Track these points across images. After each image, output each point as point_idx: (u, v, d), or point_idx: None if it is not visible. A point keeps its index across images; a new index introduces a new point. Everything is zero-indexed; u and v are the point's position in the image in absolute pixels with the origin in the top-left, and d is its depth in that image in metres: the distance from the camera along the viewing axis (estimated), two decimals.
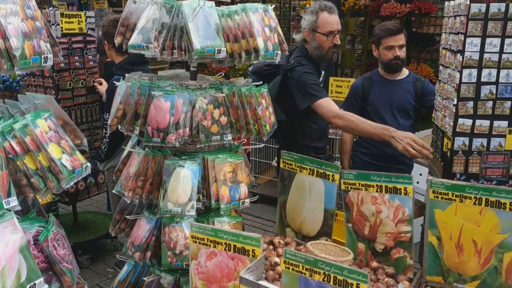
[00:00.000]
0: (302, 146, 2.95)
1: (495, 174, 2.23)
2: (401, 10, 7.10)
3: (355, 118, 2.75)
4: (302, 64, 2.92)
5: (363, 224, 2.26)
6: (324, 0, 3.07)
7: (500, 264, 1.94)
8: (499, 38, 2.12)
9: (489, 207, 1.91)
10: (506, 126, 2.18)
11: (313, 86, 2.83)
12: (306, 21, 2.96)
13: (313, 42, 2.95)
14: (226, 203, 2.33)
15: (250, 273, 1.54)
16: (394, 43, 2.98)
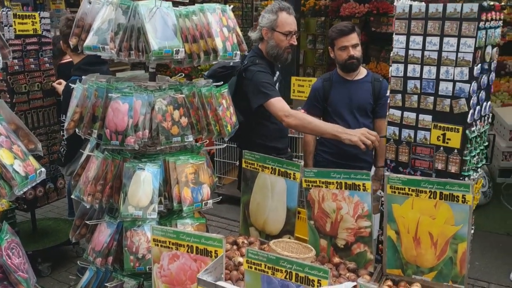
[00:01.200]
0: (261, 147, 2.95)
1: (423, 166, 2.32)
2: (360, 10, 7.25)
3: (306, 117, 2.81)
4: (255, 64, 2.94)
5: (325, 221, 2.29)
6: (282, 0, 3.10)
7: (455, 255, 2.01)
8: (421, 36, 2.22)
9: (443, 200, 1.98)
10: (430, 121, 2.26)
11: (265, 85, 2.86)
12: (266, 19, 2.97)
13: (271, 40, 2.97)
14: (189, 204, 2.31)
15: (208, 274, 1.53)
16: (347, 43, 3.03)
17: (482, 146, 2.31)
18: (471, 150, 2.21)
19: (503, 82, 6.39)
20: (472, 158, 2.22)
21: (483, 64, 2.17)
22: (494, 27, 2.17)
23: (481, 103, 2.25)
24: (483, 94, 2.24)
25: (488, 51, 2.17)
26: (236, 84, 2.98)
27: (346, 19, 7.00)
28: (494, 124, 5.66)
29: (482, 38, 2.09)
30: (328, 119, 3.23)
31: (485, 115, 2.31)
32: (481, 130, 2.28)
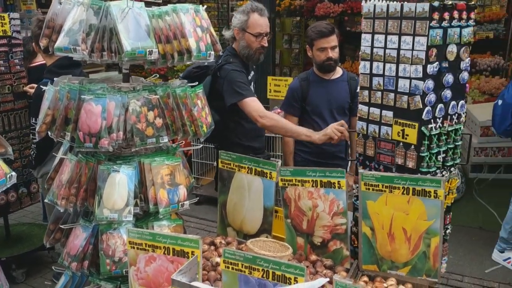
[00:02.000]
0: (238, 146, 2.96)
1: (386, 160, 2.38)
2: (334, 10, 7.32)
3: (280, 118, 2.88)
4: (229, 62, 2.95)
5: (301, 219, 2.31)
6: (255, 1, 3.10)
7: (428, 249, 2.05)
8: (383, 35, 2.31)
9: (416, 196, 2.02)
10: (392, 117, 2.34)
11: (239, 84, 2.87)
12: (237, 19, 2.98)
13: (242, 41, 2.98)
14: (165, 206, 2.30)
15: (183, 275, 1.53)
16: (327, 44, 3.06)
17: (452, 145, 2.34)
18: (431, 147, 2.26)
19: (474, 79, 6.55)
20: (433, 155, 2.27)
21: (442, 62, 2.22)
22: (457, 26, 2.20)
23: (446, 102, 2.28)
24: (447, 92, 2.27)
25: (451, 49, 2.21)
26: (211, 83, 2.98)
27: (321, 19, 7.05)
28: (466, 120, 5.80)
29: (437, 36, 2.15)
30: (307, 118, 3.26)
31: (453, 114, 2.34)
32: (448, 129, 2.31)
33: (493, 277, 3.68)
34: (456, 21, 2.20)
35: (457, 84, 2.32)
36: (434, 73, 2.20)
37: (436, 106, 2.25)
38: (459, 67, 2.30)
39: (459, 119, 2.39)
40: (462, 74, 2.32)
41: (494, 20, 7.51)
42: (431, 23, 2.12)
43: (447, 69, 2.24)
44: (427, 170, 2.24)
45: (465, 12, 2.21)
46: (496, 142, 5.18)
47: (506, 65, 6.85)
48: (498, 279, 3.64)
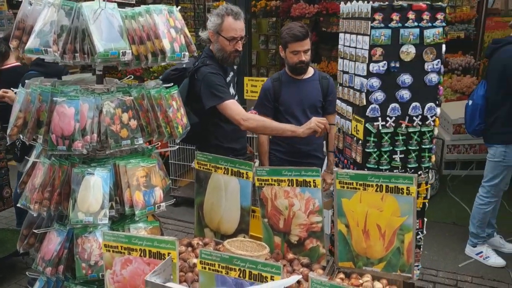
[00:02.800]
0: (218, 148, 2.95)
1: (348, 154, 2.49)
2: (310, 10, 7.38)
3: (262, 119, 2.95)
4: (206, 64, 2.94)
5: (278, 218, 2.33)
6: (231, 4, 3.10)
7: (402, 245, 2.09)
8: (349, 34, 2.44)
9: (389, 193, 2.06)
10: (351, 112, 2.42)
11: (217, 87, 2.87)
12: (212, 22, 2.97)
13: (216, 44, 2.98)
14: (141, 208, 2.29)
15: (157, 276, 1.52)
16: (300, 48, 3.09)
17: (415, 147, 2.35)
18: (383, 144, 2.33)
19: (446, 78, 6.69)
20: (385, 153, 2.33)
21: (392, 62, 2.27)
22: (413, 26, 2.23)
23: (403, 102, 2.31)
24: (404, 92, 2.30)
25: (406, 50, 2.25)
26: (189, 85, 2.98)
27: (297, 20, 7.10)
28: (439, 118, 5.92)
29: (381, 36, 2.23)
30: (280, 118, 3.28)
31: (416, 115, 2.35)
32: (409, 130, 2.33)
33: (466, 271, 3.77)
34: (412, 22, 2.23)
35: (422, 86, 2.32)
36: (381, 72, 2.28)
37: (387, 105, 2.31)
38: (422, 68, 2.31)
39: (424, 121, 2.36)
40: (428, 75, 2.32)
41: (465, 20, 7.69)
42: (373, 23, 2.21)
43: (399, 69, 2.29)
44: (374, 166, 2.33)
45: (427, 12, 2.22)
46: (468, 140, 5.32)
47: (477, 65, 7.02)
48: (471, 273, 3.74)
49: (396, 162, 2.36)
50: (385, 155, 2.35)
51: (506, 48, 3.51)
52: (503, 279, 3.63)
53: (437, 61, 2.31)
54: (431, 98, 2.36)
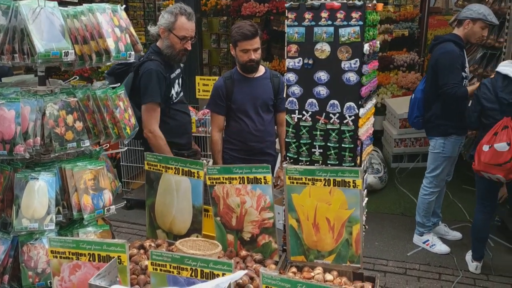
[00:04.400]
0: None
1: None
2: (260, 9, 7.43)
3: (160, 144, 2.98)
4: (151, 59, 2.96)
5: (230, 216, 2.34)
6: (184, 4, 3.12)
7: (350, 237, 2.16)
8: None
9: (337, 187, 2.12)
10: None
11: (150, 87, 2.91)
12: (164, 19, 3.00)
13: (166, 40, 3.01)
14: (90, 212, 2.23)
15: (102, 279, 1.50)
16: (250, 47, 3.12)
17: (334, 144, 2.39)
18: (302, 137, 2.45)
19: (392, 75, 6.94)
20: (304, 145, 2.45)
21: (306, 59, 2.36)
22: (327, 25, 2.29)
23: (320, 98, 2.38)
24: (320, 89, 2.37)
25: (321, 48, 2.33)
26: (133, 80, 2.97)
27: (248, 18, 7.14)
28: (386, 114, 6.14)
29: (294, 34, 2.35)
30: (232, 116, 3.30)
31: (334, 113, 2.38)
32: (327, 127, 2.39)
33: (414, 259, 3.94)
34: (325, 20, 2.30)
35: (340, 84, 2.35)
36: (296, 68, 2.40)
37: (305, 99, 2.42)
38: (339, 66, 2.34)
39: (342, 120, 2.38)
40: (346, 74, 2.34)
41: (409, 19, 8.02)
42: (288, 21, 2.34)
43: (315, 66, 2.36)
44: (294, 156, 2.47)
45: (342, 11, 2.26)
46: (414, 133, 5.54)
47: (421, 61, 7.33)
48: (419, 261, 3.90)
49: (315, 156, 2.45)
50: (304, 147, 2.45)
51: (441, 45, 3.70)
52: (448, 265, 3.82)
53: (354, 60, 2.30)
54: (351, 98, 2.35)
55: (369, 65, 2.36)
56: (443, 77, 3.58)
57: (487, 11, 3.65)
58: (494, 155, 3.20)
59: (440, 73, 3.61)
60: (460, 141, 3.78)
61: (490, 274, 3.67)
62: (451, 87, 3.54)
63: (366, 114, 2.43)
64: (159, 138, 2.97)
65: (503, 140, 3.17)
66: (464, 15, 3.69)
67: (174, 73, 3.13)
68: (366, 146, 2.49)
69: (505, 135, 3.17)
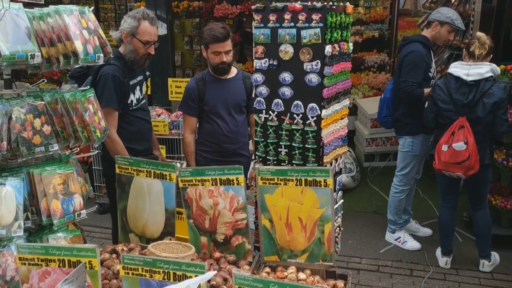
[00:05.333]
0: None
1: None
2: (232, 11, 7.43)
3: (119, 147, 2.91)
4: (109, 64, 2.94)
5: (203, 218, 2.34)
6: (151, 6, 3.12)
7: (322, 235, 2.19)
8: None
9: (308, 186, 2.15)
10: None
11: (106, 91, 2.88)
12: (127, 24, 2.96)
13: (129, 45, 2.99)
14: (59, 217, 2.19)
15: (69, 284, 1.48)
16: (221, 49, 3.12)
17: (298, 144, 2.42)
18: (269, 136, 2.51)
19: (363, 76, 7.05)
20: (271, 145, 2.52)
21: (270, 60, 2.43)
22: (290, 27, 2.34)
23: (285, 99, 2.43)
24: (285, 90, 2.42)
25: (284, 49, 2.38)
26: (92, 83, 2.93)
27: (220, 20, 7.13)
28: (358, 114, 6.24)
29: (260, 35, 2.43)
30: (205, 117, 3.29)
31: (298, 114, 2.42)
32: (292, 127, 2.43)
33: (387, 256, 4.01)
34: (288, 22, 2.34)
35: (303, 85, 2.38)
36: (263, 68, 2.47)
37: (271, 100, 2.47)
38: (302, 68, 2.38)
39: (305, 121, 2.41)
40: (308, 76, 2.37)
41: (379, 20, 8.16)
42: (254, 23, 2.42)
43: (279, 67, 2.42)
44: (262, 155, 2.54)
45: (303, 13, 2.30)
46: (385, 133, 5.65)
47: (391, 62, 7.47)
48: (391, 258, 3.98)
49: (281, 156, 2.49)
50: (271, 147, 2.51)
51: (409, 45, 3.79)
52: (419, 261, 3.91)
53: (316, 62, 2.33)
54: (313, 99, 2.38)
55: (335, 66, 2.39)
56: (404, 74, 3.69)
57: (455, 16, 3.76)
58: (453, 154, 3.31)
59: (403, 70, 3.71)
60: (428, 140, 3.87)
61: (460, 269, 3.78)
62: (410, 85, 3.64)
63: (332, 116, 2.46)
64: (116, 143, 2.91)
65: (461, 140, 3.29)
66: (433, 18, 3.79)
67: (135, 79, 3.10)
68: (335, 148, 2.53)
69: (462, 135, 3.29)
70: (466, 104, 3.31)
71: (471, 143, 3.27)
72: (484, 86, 3.27)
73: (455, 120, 3.35)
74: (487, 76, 3.26)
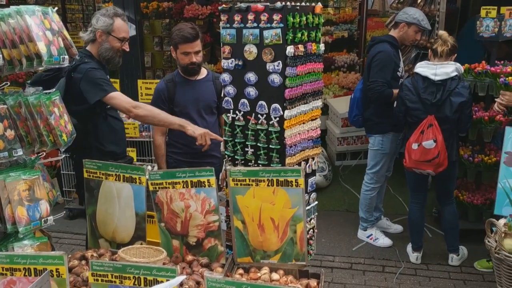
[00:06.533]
0: (97, 151, 2.90)
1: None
2: (203, 12, 7.39)
3: (154, 108, 2.92)
4: (85, 62, 2.90)
5: (175, 221, 2.31)
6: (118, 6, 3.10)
7: (295, 235, 2.20)
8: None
9: (280, 186, 2.15)
10: None
11: (101, 81, 2.84)
12: (102, 22, 2.94)
13: (106, 43, 2.96)
14: (25, 224, 2.12)
15: None
16: (190, 49, 3.10)
17: (263, 145, 2.44)
18: (236, 135, 2.54)
19: (333, 76, 7.13)
20: (238, 144, 2.55)
21: (236, 60, 2.45)
22: (253, 27, 2.35)
23: (250, 99, 2.45)
24: (250, 90, 2.44)
25: (249, 49, 2.39)
26: (66, 86, 2.87)
27: (190, 21, 7.07)
28: (329, 113, 6.30)
29: (227, 36, 2.45)
30: None
31: (262, 114, 2.43)
32: (257, 127, 2.45)
33: (359, 253, 4.06)
34: (251, 22, 2.36)
35: (266, 86, 2.39)
36: (230, 68, 2.49)
37: (238, 99, 2.50)
38: (265, 68, 2.38)
39: (269, 121, 2.42)
40: (270, 76, 2.37)
41: (348, 21, 8.27)
42: (221, 23, 2.44)
43: (244, 67, 2.44)
44: (230, 154, 2.57)
45: (265, 14, 2.30)
46: (356, 132, 5.72)
47: (360, 62, 7.58)
48: (363, 255, 4.03)
49: (248, 156, 2.51)
50: (238, 146, 2.53)
51: (377, 45, 3.86)
52: (391, 257, 3.98)
53: (277, 62, 2.33)
54: (276, 99, 2.39)
55: (300, 67, 2.40)
56: (374, 74, 3.76)
57: (422, 16, 3.84)
58: (423, 153, 3.39)
59: (372, 70, 3.77)
60: (397, 138, 3.94)
61: (430, 263, 3.86)
62: (380, 85, 3.71)
63: (298, 117, 2.47)
64: (146, 107, 2.87)
65: (430, 138, 3.37)
66: (400, 18, 3.87)
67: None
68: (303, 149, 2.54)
69: (431, 133, 3.38)
70: (434, 103, 3.38)
71: (440, 141, 3.35)
72: (451, 85, 3.35)
73: (424, 119, 3.42)
74: (453, 75, 3.35)
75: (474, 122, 3.75)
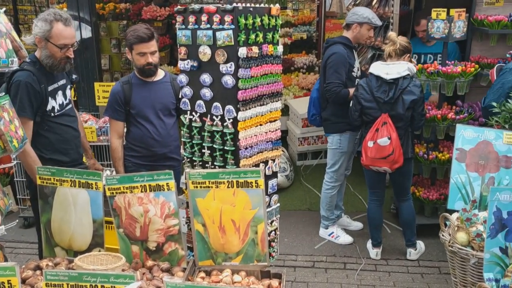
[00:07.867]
0: (40, 159, 2.72)
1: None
2: (161, 13, 7.29)
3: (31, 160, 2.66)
4: (23, 69, 2.73)
5: (134, 227, 2.27)
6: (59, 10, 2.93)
7: (256, 236, 2.21)
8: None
9: (240, 188, 2.15)
10: None
11: (19, 100, 2.69)
12: (39, 28, 2.74)
13: (45, 50, 2.78)
14: None
15: None
16: (146, 50, 3.04)
17: (219, 146, 2.45)
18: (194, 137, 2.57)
19: (293, 77, 7.21)
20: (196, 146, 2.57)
21: (191, 61, 2.47)
22: (206, 28, 2.38)
23: (206, 100, 2.47)
24: (205, 91, 2.46)
25: (203, 50, 2.41)
26: (6, 91, 2.72)
27: (149, 22, 6.97)
28: (290, 114, 6.36)
29: (182, 37, 2.48)
30: (133, 121, 3.20)
31: (217, 115, 2.45)
32: (213, 128, 2.47)
33: (321, 251, 4.12)
34: (204, 24, 2.38)
35: (221, 87, 2.41)
36: (186, 69, 2.52)
37: (194, 101, 2.53)
38: (219, 69, 2.40)
39: (223, 122, 2.44)
40: (224, 77, 2.39)
41: (307, 22, 8.38)
42: (177, 24, 2.46)
43: (199, 68, 2.47)
44: (189, 156, 2.60)
45: (218, 15, 2.32)
46: (316, 132, 5.80)
47: (319, 63, 7.69)
48: (325, 253, 4.09)
49: (205, 157, 2.52)
50: (196, 148, 2.55)
51: (331, 47, 3.94)
52: (352, 254, 4.05)
53: (230, 63, 2.35)
54: (230, 101, 2.40)
55: (255, 69, 2.41)
56: (329, 76, 3.84)
57: (371, 14, 3.95)
58: (379, 150, 3.49)
59: (327, 72, 3.85)
60: (355, 137, 4.03)
61: (389, 259, 3.96)
62: (336, 86, 3.79)
63: (253, 119, 2.48)
64: (26, 155, 2.62)
65: (384, 135, 3.48)
66: (351, 20, 3.95)
67: (56, 84, 2.91)
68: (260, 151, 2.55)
69: (385, 131, 3.49)
70: (387, 101, 3.48)
71: (394, 138, 3.46)
72: (403, 83, 3.46)
73: (378, 117, 3.52)
74: (404, 74, 3.46)
75: (428, 120, 3.89)
